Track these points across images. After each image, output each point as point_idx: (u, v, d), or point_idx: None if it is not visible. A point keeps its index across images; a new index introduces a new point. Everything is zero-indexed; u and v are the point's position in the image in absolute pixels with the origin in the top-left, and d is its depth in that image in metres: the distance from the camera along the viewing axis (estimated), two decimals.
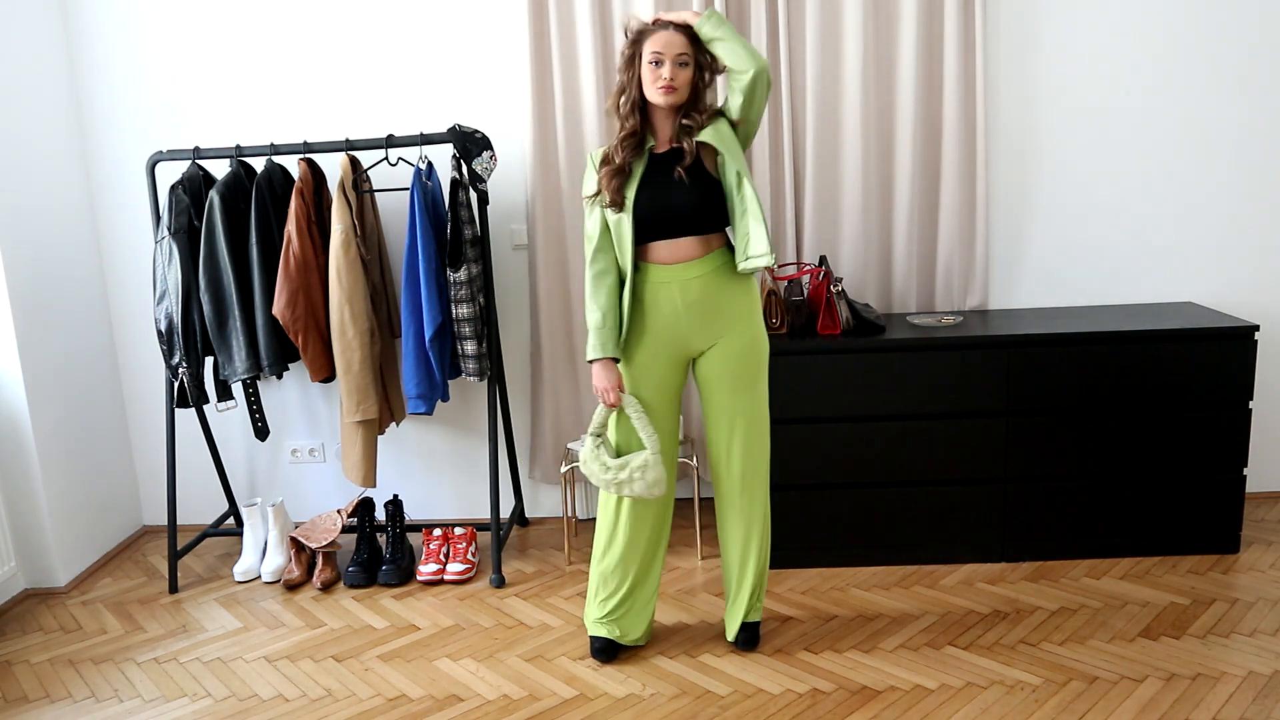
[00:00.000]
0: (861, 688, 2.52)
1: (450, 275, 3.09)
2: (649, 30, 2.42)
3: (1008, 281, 3.48)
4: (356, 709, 2.55)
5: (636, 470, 2.52)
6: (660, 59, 2.38)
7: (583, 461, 2.62)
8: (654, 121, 2.49)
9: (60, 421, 3.38)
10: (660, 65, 2.38)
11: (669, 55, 2.38)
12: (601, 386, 2.53)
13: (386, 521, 3.38)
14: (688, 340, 2.55)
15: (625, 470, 2.53)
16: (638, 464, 2.52)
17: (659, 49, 2.38)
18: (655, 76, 2.39)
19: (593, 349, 2.52)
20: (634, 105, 2.44)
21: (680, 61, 2.39)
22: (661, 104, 2.42)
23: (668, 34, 2.39)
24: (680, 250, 2.49)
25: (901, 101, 3.31)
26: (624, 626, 2.71)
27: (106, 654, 2.92)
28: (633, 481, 2.52)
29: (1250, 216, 3.39)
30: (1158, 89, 3.33)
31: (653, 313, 2.52)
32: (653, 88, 2.40)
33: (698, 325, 2.53)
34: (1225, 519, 3.11)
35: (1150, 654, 2.60)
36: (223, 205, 3.12)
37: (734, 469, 2.62)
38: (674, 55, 2.38)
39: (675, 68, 2.38)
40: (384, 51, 3.44)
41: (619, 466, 2.54)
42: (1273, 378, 3.44)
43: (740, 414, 2.58)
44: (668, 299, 2.51)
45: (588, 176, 2.56)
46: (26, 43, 3.31)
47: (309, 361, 3.22)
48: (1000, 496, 3.11)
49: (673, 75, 2.38)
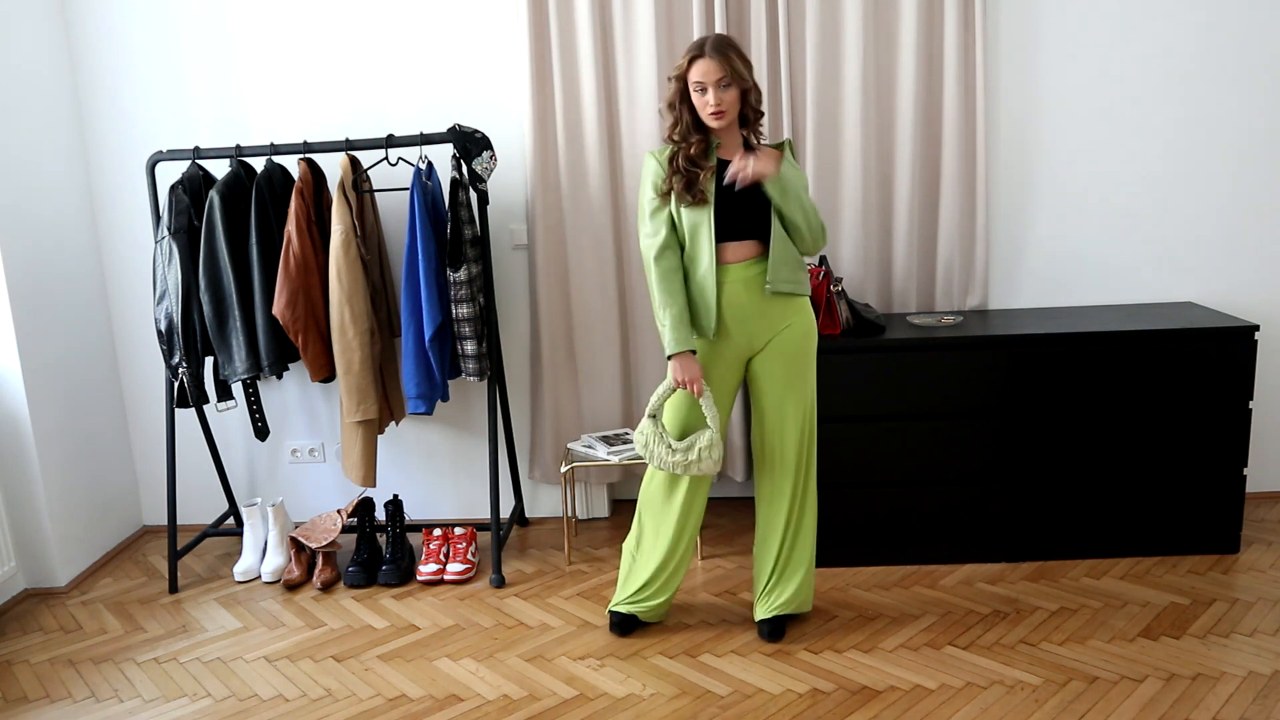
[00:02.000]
0: (861, 688, 2.52)
1: (450, 275, 3.09)
2: (683, 66, 2.52)
3: (1008, 281, 3.48)
4: (356, 709, 2.55)
5: (704, 449, 2.61)
6: (703, 87, 2.48)
7: (643, 444, 2.68)
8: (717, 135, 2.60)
9: (60, 421, 3.38)
10: (705, 93, 2.48)
11: (710, 81, 2.47)
12: (689, 378, 2.58)
13: (386, 521, 3.38)
14: (752, 336, 2.64)
15: (693, 450, 2.62)
16: (705, 443, 2.61)
17: (699, 78, 2.49)
18: (703, 104, 2.50)
19: (674, 343, 2.58)
20: (690, 127, 2.55)
21: (723, 85, 2.48)
22: (715, 127, 2.54)
23: (703, 62, 2.48)
24: (744, 250, 2.59)
25: (901, 101, 3.31)
26: (653, 607, 2.83)
27: (106, 654, 2.92)
28: (701, 460, 2.61)
29: (1250, 216, 3.39)
30: (1158, 89, 3.33)
31: (729, 308, 2.61)
32: (704, 114, 2.52)
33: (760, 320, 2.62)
34: (1225, 519, 3.11)
35: (1150, 654, 2.60)
36: (223, 205, 3.12)
37: (788, 458, 2.69)
38: (715, 80, 2.47)
39: (719, 91, 2.48)
40: (384, 51, 3.44)
41: (686, 447, 2.63)
42: (1273, 378, 3.44)
43: (793, 405, 2.67)
44: (735, 295, 2.60)
45: (652, 174, 2.62)
46: (27, 43, 3.31)
47: (309, 361, 3.22)
48: (1000, 496, 3.11)
49: (718, 100, 2.48)
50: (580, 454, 3.37)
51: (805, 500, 2.75)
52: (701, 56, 2.48)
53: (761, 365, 2.67)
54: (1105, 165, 3.38)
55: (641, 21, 3.28)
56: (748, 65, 2.51)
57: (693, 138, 2.55)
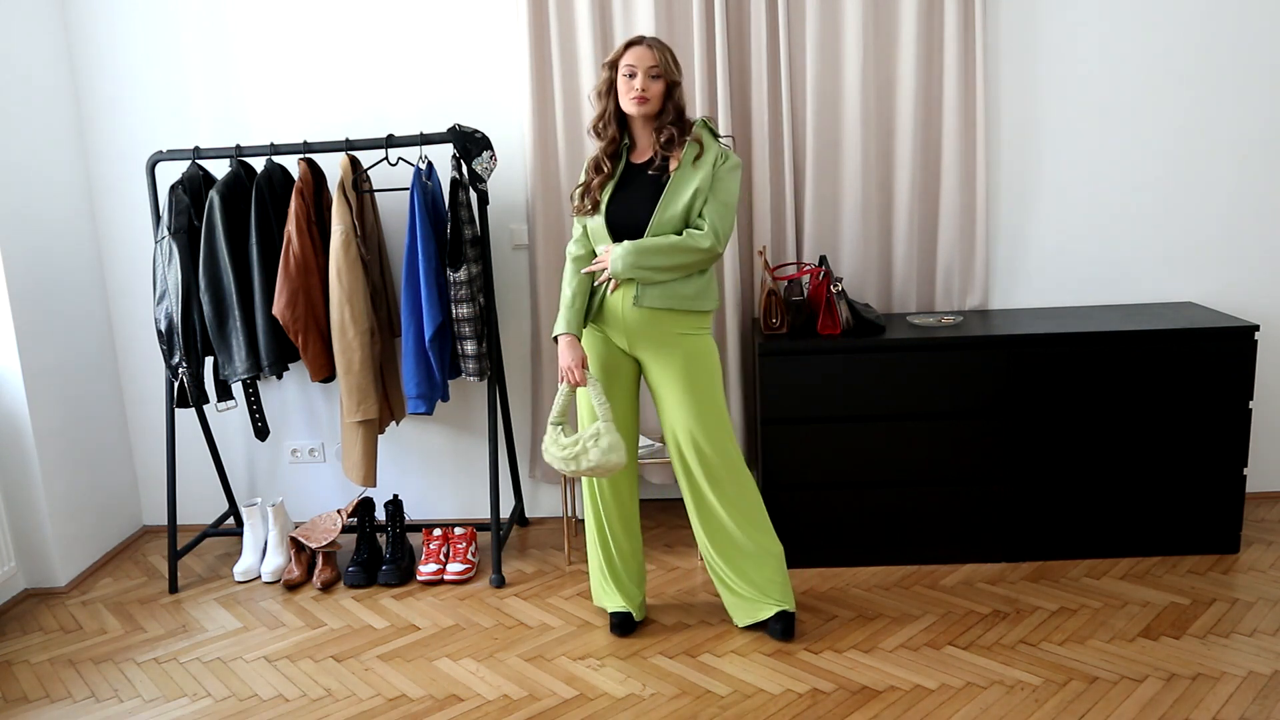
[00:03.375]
0: (861, 688, 2.52)
1: (450, 275, 3.09)
2: (620, 52, 2.57)
3: (1008, 281, 3.48)
4: (356, 709, 2.55)
5: (589, 440, 2.59)
6: (633, 71, 2.54)
7: (545, 450, 2.69)
8: (634, 134, 2.65)
9: (60, 421, 3.38)
10: (633, 77, 2.54)
11: (641, 68, 2.54)
12: (565, 364, 2.62)
13: (386, 521, 3.38)
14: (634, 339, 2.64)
15: (579, 444, 2.60)
16: (589, 434, 2.60)
17: (632, 63, 2.55)
18: (628, 88, 2.55)
19: (557, 324, 2.64)
20: (610, 117, 2.61)
21: (652, 74, 2.54)
22: (635, 114, 2.58)
23: (639, 49, 2.55)
24: None
25: (901, 101, 3.31)
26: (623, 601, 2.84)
27: (106, 654, 2.92)
28: (587, 452, 2.59)
29: (1250, 217, 3.39)
30: (1158, 89, 3.33)
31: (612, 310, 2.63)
32: (626, 99, 2.56)
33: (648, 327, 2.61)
34: (1225, 519, 3.11)
35: (1150, 654, 2.60)
36: (223, 205, 3.12)
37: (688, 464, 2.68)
38: (646, 68, 2.54)
39: (647, 79, 2.54)
40: (384, 51, 3.44)
41: (573, 443, 2.61)
42: (1273, 378, 3.44)
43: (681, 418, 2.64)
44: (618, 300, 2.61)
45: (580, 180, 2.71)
46: (27, 43, 3.31)
47: (309, 361, 3.22)
48: (1000, 496, 3.11)
49: (645, 86, 2.54)
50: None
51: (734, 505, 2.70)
52: (639, 45, 2.56)
53: (651, 372, 2.69)
54: (1105, 165, 3.38)
55: (641, 22, 3.28)
56: (678, 66, 2.58)
57: (610, 130, 2.60)
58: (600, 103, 2.62)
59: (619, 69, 2.56)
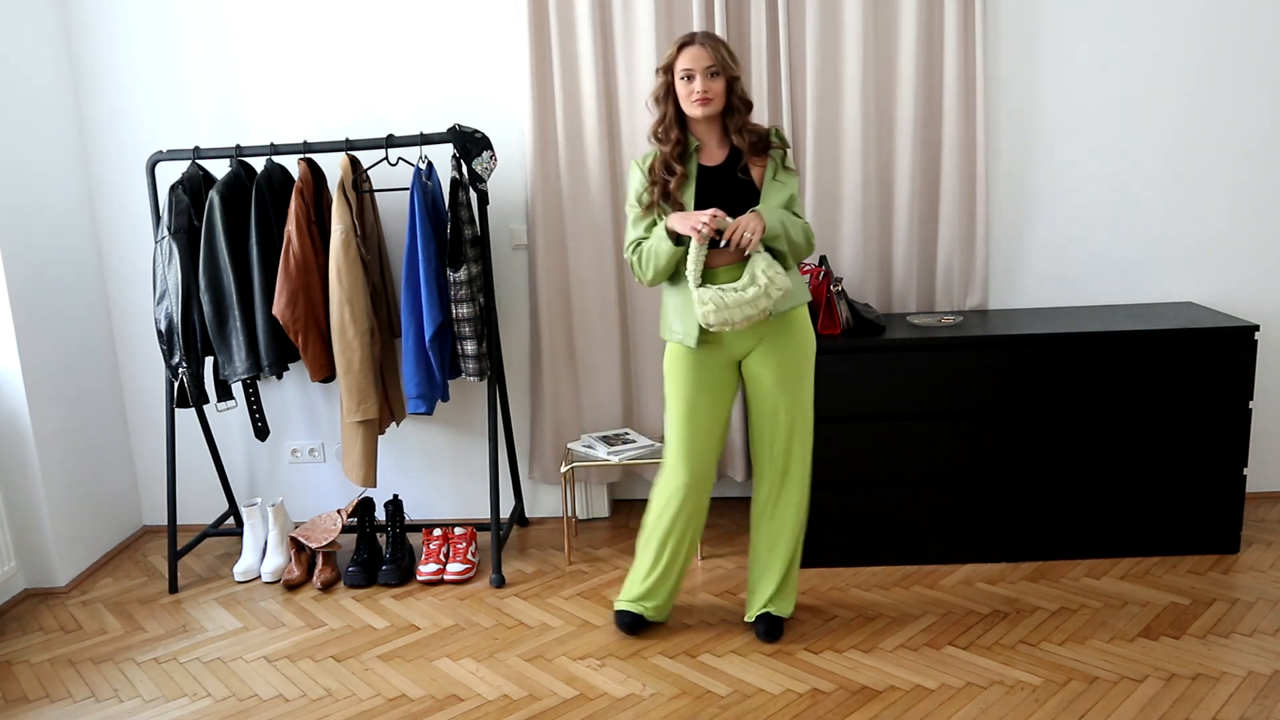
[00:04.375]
0: (861, 688, 2.52)
1: (450, 275, 3.09)
2: (674, 54, 2.50)
3: (1008, 281, 3.48)
4: (356, 709, 2.55)
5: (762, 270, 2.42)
6: (690, 73, 2.47)
7: (715, 309, 2.42)
8: (698, 137, 2.57)
9: (60, 421, 3.38)
10: (691, 80, 2.46)
11: (699, 69, 2.46)
12: (694, 220, 2.40)
13: (386, 521, 3.38)
14: (741, 339, 2.59)
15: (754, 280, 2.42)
16: (761, 265, 2.42)
17: (688, 65, 2.47)
18: (688, 91, 2.48)
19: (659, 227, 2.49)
20: (671, 121, 2.53)
21: (711, 73, 2.47)
22: (699, 115, 2.50)
23: (693, 49, 2.47)
24: (729, 255, 2.52)
25: (901, 102, 3.31)
26: (657, 603, 2.81)
27: (106, 654, 2.92)
28: (774, 280, 2.41)
29: (1250, 216, 3.39)
30: (1158, 90, 3.33)
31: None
32: (688, 102, 2.49)
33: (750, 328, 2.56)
34: (1225, 519, 3.11)
35: (1150, 654, 2.60)
36: (223, 205, 3.12)
37: (777, 463, 2.67)
38: (704, 68, 2.46)
39: (707, 80, 2.47)
40: (384, 51, 3.44)
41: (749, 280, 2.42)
42: (1273, 378, 3.44)
43: (784, 408, 2.63)
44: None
45: (635, 184, 2.60)
46: (26, 43, 3.31)
47: (309, 361, 3.22)
48: (1000, 496, 3.11)
49: (705, 87, 2.46)
50: (580, 454, 3.37)
51: (801, 507, 2.72)
52: (691, 44, 2.48)
53: (751, 369, 2.64)
54: (1105, 165, 3.38)
55: (641, 21, 3.28)
56: (735, 59, 2.51)
57: (673, 134, 2.52)
58: (659, 108, 2.54)
59: (674, 72, 2.49)
